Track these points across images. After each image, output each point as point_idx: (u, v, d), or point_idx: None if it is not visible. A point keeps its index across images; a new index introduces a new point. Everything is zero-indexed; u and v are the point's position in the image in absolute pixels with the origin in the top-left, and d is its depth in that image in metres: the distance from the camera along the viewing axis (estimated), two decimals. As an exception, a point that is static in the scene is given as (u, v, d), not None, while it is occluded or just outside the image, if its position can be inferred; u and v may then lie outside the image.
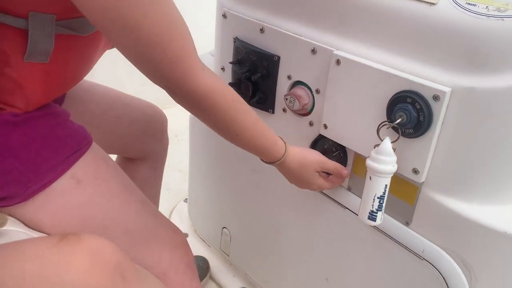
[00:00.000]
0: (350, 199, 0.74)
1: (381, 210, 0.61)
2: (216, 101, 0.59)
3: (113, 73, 1.84)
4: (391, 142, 0.59)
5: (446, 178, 0.62)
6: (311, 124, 0.76)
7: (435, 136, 0.59)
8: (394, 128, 0.60)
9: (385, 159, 0.58)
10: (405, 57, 0.61)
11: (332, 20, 0.69)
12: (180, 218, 1.28)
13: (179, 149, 1.63)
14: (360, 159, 0.71)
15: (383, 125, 0.60)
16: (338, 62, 0.67)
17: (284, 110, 0.80)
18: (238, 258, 1.06)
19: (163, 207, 1.31)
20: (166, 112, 1.96)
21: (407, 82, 0.59)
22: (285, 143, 0.69)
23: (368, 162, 0.60)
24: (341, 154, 0.74)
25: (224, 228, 1.07)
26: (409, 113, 0.58)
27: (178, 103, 0.62)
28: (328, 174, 0.74)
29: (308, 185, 0.73)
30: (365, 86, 0.64)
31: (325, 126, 0.72)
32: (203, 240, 1.19)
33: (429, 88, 0.57)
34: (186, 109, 0.63)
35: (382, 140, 0.60)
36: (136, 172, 0.94)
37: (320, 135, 0.75)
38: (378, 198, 0.61)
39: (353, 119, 0.67)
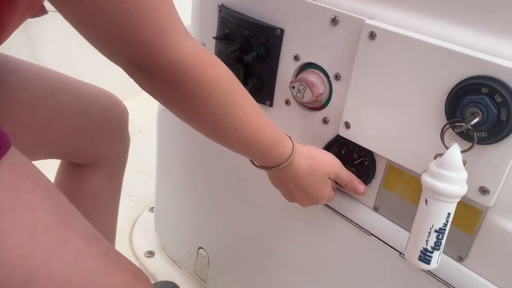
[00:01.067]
0: (377, 222, 0.56)
1: (438, 249, 0.43)
2: (208, 77, 0.40)
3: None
4: (462, 152, 0.41)
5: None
6: (325, 121, 0.57)
7: (520, 143, 0.41)
8: (462, 132, 0.41)
9: (451, 176, 0.40)
10: (478, 27, 0.43)
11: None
12: (144, 232, 1.06)
13: (143, 147, 1.40)
14: (395, 170, 0.53)
15: (450, 126, 0.41)
16: (372, 35, 0.47)
17: (287, 102, 0.60)
18: (218, 286, 0.86)
19: (123, 218, 1.09)
20: (127, 103, 1.72)
21: (482, 63, 0.41)
22: (290, 138, 0.51)
23: (426, 179, 0.41)
24: (367, 163, 0.55)
25: (201, 249, 0.86)
26: (486, 109, 0.40)
27: (147, 89, 0.43)
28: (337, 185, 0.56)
29: (317, 198, 0.54)
30: (413, 69, 0.45)
31: (347, 125, 0.53)
32: (174, 261, 0.98)
33: (518, 72, 0.39)
34: (159, 97, 0.43)
35: (447, 148, 0.41)
36: (85, 183, 0.71)
37: (338, 136, 0.55)
38: (436, 231, 0.42)
39: (391, 116, 0.49)
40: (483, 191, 0.44)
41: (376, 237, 0.55)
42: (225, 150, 0.72)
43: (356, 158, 0.56)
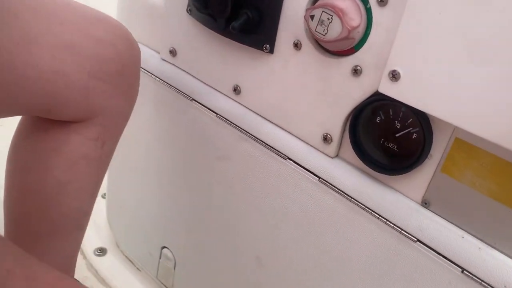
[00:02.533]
0: (427, 223, 0.38)
1: None
2: None
3: None
4: None
5: None
6: (356, 72, 0.38)
7: None
8: None
9: None
10: None
11: None
12: (95, 224, 0.85)
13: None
14: (465, 146, 0.35)
15: None
16: None
17: (296, 45, 0.41)
18: (187, 295, 0.67)
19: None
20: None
21: None
22: None
23: None
24: (416, 136, 0.37)
25: (165, 248, 0.66)
26: None
27: None
28: None
29: None
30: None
31: (394, 76, 0.34)
32: (130, 261, 0.77)
33: None
34: None
35: None
36: (64, 143, 0.47)
37: (376, 95, 0.37)
38: None
39: (470, 61, 0.30)
40: None
41: (425, 245, 0.37)
42: (203, 116, 0.53)
43: (400, 129, 0.38)
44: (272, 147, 0.46)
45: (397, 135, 0.39)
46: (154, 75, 0.56)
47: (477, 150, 0.34)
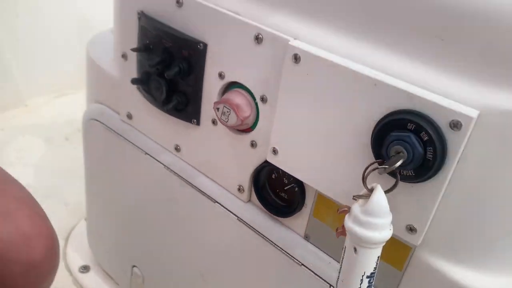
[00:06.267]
0: (308, 252, 0.52)
1: (368, 292, 0.40)
2: None
3: None
4: (386, 192, 0.37)
5: (452, 239, 0.42)
6: (253, 145, 0.52)
7: (446, 182, 0.38)
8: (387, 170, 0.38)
9: (378, 223, 0.37)
10: (406, 56, 0.39)
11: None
12: (80, 245, 0.99)
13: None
14: (325, 200, 0.49)
15: (373, 169, 0.38)
16: (296, 58, 0.43)
17: (214, 122, 0.56)
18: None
19: (57, 230, 1.01)
20: (65, 99, 1.61)
21: (409, 97, 0.37)
22: None
23: (351, 226, 0.37)
24: (297, 189, 0.51)
25: (135, 267, 0.81)
26: (411, 148, 0.37)
27: None
28: None
29: None
30: (338, 97, 0.42)
31: (274, 151, 0.49)
32: (110, 277, 0.92)
33: (445, 110, 0.36)
34: None
35: (368, 190, 0.38)
36: None
37: (266, 161, 0.51)
38: (368, 277, 0.39)
39: (318, 145, 0.45)
40: (410, 229, 0.41)
41: (307, 268, 0.52)
42: (154, 167, 0.67)
43: (287, 184, 0.53)
44: (204, 193, 0.61)
45: (285, 188, 0.53)
46: (116, 132, 0.70)
47: (331, 202, 0.49)
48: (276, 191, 0.55)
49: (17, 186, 0.54)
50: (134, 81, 0.58)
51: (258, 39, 0.46)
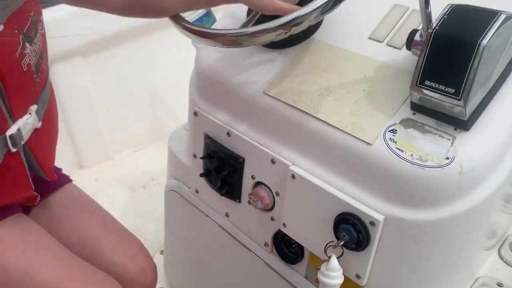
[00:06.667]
0: (306, 285, 0.85)
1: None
2: None
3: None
4: (337, 258, 0.70)
5: (384, 283, 0.73)
6: (272, 219, 0.86)
7: (372, 252, 0.70)
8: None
9: (333, 275, 0.69)
10: (349, 182, 0.72)
11: (290, 136, 0.79)
12: (158, 272, 1.37)
13: (156, 195, 1.70)
14: (314, 255, 0.82)
15: (330, 246, 0.71)
16: (293, 176, 0.77)
17: (249, 202, 0.90)
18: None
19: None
20: (140, 154, 2.03)
21: (349, 206, 0.70)
22: None
23: (319, 276, 0.70)
24: (300, 247, 0.84)
25: (198, 290, 1.16)
26: (351, 234, 0.69)
27: None
28: None
29: None
30: (315, 202, 0.74)
31: (284, 225, 0.82)
32: (179, 296, 1.28)
33: (367, 215, 0.68)
34: None
35: (328, 257, 0.70)
36: None
37: (279, 230, 0.85)
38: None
39: (307, 225, 0.78)
40: (358, 276, 0.73)
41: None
42: (213, 225, 1.02)
43: (293, 243, 0.85)
44: (244, 245, 0.95)
45: (293, 245, 0.86)
46: (187, 200, 1.06)
47: (317, 257, 0.81)
48: (288, 247, 0.87)
49: (121, 227, 0.94)
50: (202, 175, 0.94)
51: (273, 161, 0.80)
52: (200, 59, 0.94)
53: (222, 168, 0.90)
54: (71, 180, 0.99)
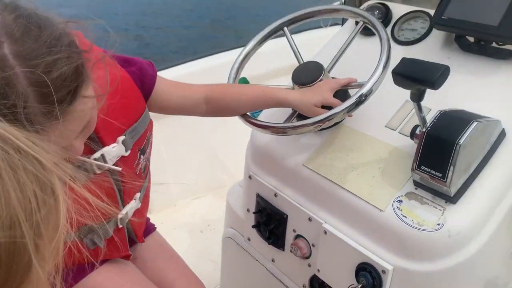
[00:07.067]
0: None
1: None
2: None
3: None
4: (357, 298, 0.90)
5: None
6: (309, 265, 1.08)
7: (385, 294, 0.90)
8: None
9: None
10: (367, 238, 0.93)
11: (323, 200, 1.03)
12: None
13: (212, 239, 1.96)
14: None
15: (351, 286, 0.92)
16: (325, 232, 1.00)
17: (290, 250, 1.13)
18: None
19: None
20: (199, 201, 2.31)
21: (367, 257, 0.91)
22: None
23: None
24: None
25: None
26: (368, 279, 0.90)
27: None
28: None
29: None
30: (342, 253, 0.96)
31: (318, 270, 1.04)
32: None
33: (379, 265, 0.89)
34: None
35: (351, 295, 0.91)
36: None
37: (315, 274, 1.07)
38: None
39: (336, 271, 0.99)
40: (375, 314, 0.93)
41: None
42: (261, 268, 1.25)
43: (326, 285, 1.06)
44: (286, 286, 1.16)
45: (324, 286, 1.07)
46: (241, 246, 1.30)
47: (345, 297, 1.02)
48: (321, 289, 1.09)
49: (190, 271, 1.20)
50: (253, 226, 1.19)
51: (310, 219, 1.04)
52: (255, 135, 1.21)
53: (270, 222, 1.14)
54: (155, 228, 1.26)
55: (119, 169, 0.84)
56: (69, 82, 0.58)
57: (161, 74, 0.99)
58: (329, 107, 0.97)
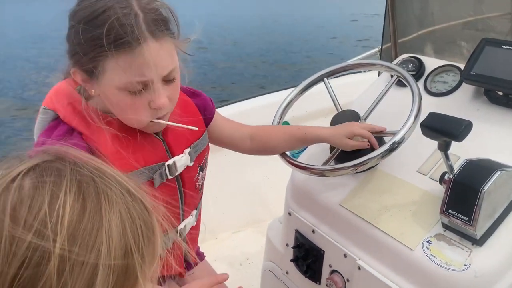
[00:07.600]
0: None
1: None
2: None
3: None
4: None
5: None
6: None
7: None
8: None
9: None
10: (398, 275, 1.00)
11: (358, 238, 1.11)
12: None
13: (251, 273, 2.04)
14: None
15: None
16: (359, 268, 1.07)
17: (327, 285, 1.20)
18: None
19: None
20: (238, 235, 2.42)
21: (397, 292, 0.98)
22: None
23: None
24: (363, 324, 1.11)
25: None
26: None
27: None
28: None
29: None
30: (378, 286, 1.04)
31: (351, 302, 1.11)
32: None
33: (410, 301, 0.95)
34: None
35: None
36: None
37: (349, 308, 1.13)
38: None
39: (368, 305, 1.06)
40: None
41: None
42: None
43: (359, 320, 1.13)
44: (322, 318, 1.23)
45: (359, 322, 1.13)
46: (279, 279, 1.39)
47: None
48: (355, 323, 1.15)
49: None
50: (292, 260, 1.28)
51: (345, 255, 1.12)
52: (295, 175, 1.32)
53: (307, 257, 1.23)
54: (204, 256, 1.37)
55: (196, 128, 0.96)
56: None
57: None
58: (362, 153, 1.07)
